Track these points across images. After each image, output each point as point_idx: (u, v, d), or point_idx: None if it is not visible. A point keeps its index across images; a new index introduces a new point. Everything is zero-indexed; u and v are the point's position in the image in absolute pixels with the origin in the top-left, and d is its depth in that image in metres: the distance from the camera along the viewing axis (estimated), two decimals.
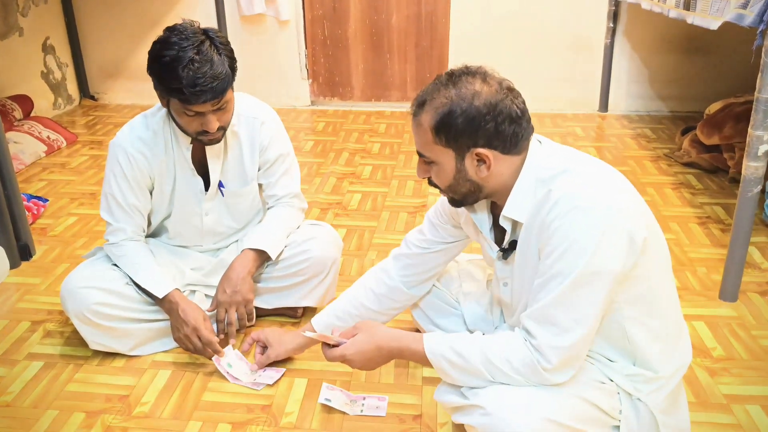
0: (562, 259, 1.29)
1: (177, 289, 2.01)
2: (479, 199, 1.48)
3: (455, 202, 1.51)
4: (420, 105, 1.41)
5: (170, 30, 1.83)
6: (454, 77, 1.39)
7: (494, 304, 1.82)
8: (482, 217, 1.56)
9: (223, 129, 1.92)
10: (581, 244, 1.27)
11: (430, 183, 1.49)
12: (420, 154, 1.45)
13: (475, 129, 1.35)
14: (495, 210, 1.52)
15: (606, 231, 1.28)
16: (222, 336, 2.03)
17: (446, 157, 1.40)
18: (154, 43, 1.83)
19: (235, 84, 1.93)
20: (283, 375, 1.97)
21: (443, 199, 1.67)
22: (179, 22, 1.87)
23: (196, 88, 1.76)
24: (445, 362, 1.41)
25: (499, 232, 1.54)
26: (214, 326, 2.11)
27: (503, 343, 1.37)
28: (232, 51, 1.88)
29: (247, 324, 2.09)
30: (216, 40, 1.84)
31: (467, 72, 1.39)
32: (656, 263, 1.39)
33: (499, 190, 1.43)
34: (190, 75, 1.75)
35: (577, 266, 1.28)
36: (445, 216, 1.74)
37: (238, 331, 2.08)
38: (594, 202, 1.29)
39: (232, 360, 1.99)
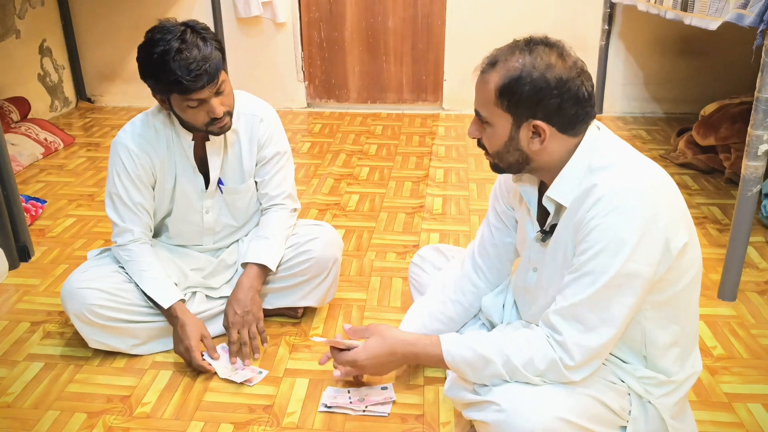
0: (596, 258, 1.28)
1: (181, 300, 2.01)
2: (522, 170, 1.45)
3: (498, 169, 1.48)
4: (492, 64, 1.38)
5: (151, 31, 1.85)
6: (532, 44, 1.37)
7: (506, 299, 1.80)
8: (531, 191, 1.53)
9: (229, 114, 1.93)
10: (618, 246, 1.26)
11: (479, 145, 1.47)
12: (477, 113, 1.43)
13: (539, 101, 1.33)
14: (542, 188, 1.50)
15: (644, 236, 1.27)
16: (234, 360, 2.02)
17: (502, 122, 1.38)
18: (139, 47, 1.84)
19: (232, 86, 1.94)
20: (254, 377, 1.96)
21: (498, 183, 1.68)
22: None
23: (191, 75, 1.78)
24: (463, 363, 1.40)
25: (541, 214, 1.52)
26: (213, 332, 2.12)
27: (523, 341, 1.37)
28: (215, 35, 1.89)
29: (260, 344, 2.09)
30: (196, 27, 1.85)
31: (546, 43, 1.37)
32: (688, 270, 1.38)
33: (546, 168, 1.41)
34: (183, 64, 1.77)
35: (611, 267, 1.27)
36: (505, 190, 1.69)
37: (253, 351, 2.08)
38: (636, 206, 1.27)
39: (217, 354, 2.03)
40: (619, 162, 1.35)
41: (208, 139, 2.00)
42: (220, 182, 2.11)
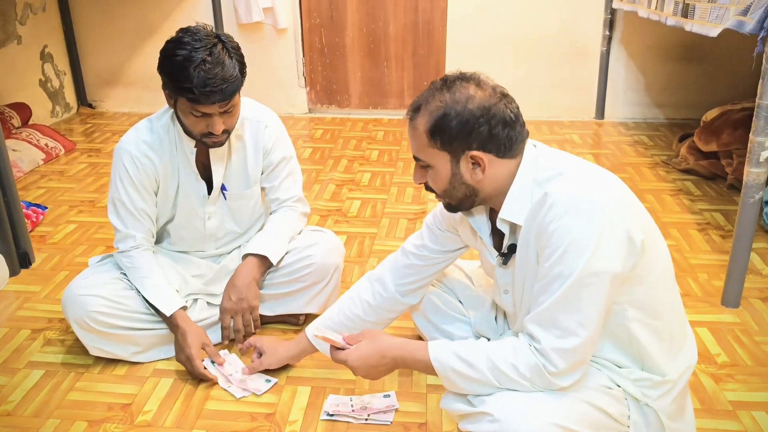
0: (561, 261, 1.29)
1: (182, 308, 2.01)
2: (475, 204, 1.48)
3: (451, 208, 1.51)
4: (416, 110, 1.42)
5: (183, 31, 1.84)
6: (449, 82, 1.40)
7: (498, 312, 1.81)
8: (481, 221, 1.56)
9: (227, 132, 1.93)
10: (580, 245, 1.28)
11: (427, 188, 1.50)
12: (416, 159, 1.46)
13: (469, 132, 1.36)
14: (493, 216, 1.52)
15: (604, 231, 1.28)
16: (227, 342, 2.03)
17: (442, 161, 1.41)
18: (167, 42, 1.84)
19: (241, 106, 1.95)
20: (272, 387, 1.95)
21: (441, 206, 1.67)
22: (177, 29, 1.88)
23: (206, 89, 1.77)
24: (451, 370, 1.40)
25: (497, 238, 1.54)
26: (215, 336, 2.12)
27: (509, 349, 1.37)
28: (242, 56, 1.89)
29: (253, 331, 2.09)
30: (228, 44, 1.86)
31: (462, 78, 1.41)
32: (655, 264, 1.39)
33: (495, 195, 1.44)
34: (202, 75, 1.77)
35: (576, 267, 1.28)
36: (444, 222, 1.74)
37: (244, 337, 2.08)
38: (591, 204, 1.30)
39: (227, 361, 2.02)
40: (564, 170, 1.38)
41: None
42: (223, 188, 2.11)
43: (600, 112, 4.58)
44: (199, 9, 4.55)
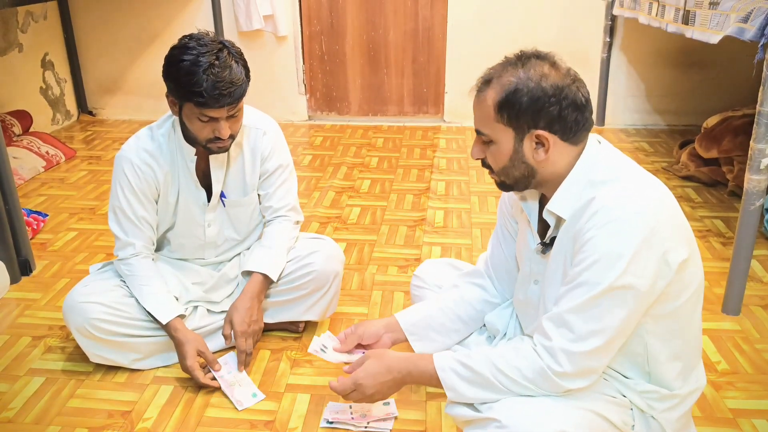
0: (591, 269, 1.28)
1: (180, 315, 2.01)
2: (529, 186, 1.45)
3: (505, 186, 1.48)
4: (486, 82, 1.40)
5: (188, 37, 1.86)
6: (524, 58, 1.38)
7: (513, 315, 1.78)
8: (532, 205, 1.54)
9: (232, 137, 1.94)
10: (612, 258, 1.27)
11: (484, 164, 1.47)
12: (478, 132, 1.43)
13: (539, 110, 1.34)
14: (542, 202, 1.51)
15: (640, 249, 1.26)
16: (242, 368, 2.03)
17: (505, 137, 1.39)
18: (172, 48, 1.85)
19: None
20: (257, 402, 1.94)
21: (503, 201, 1.68)
22: (177, 37, 1.89)
23: (215, 92, 1.79)
24: (455, 377, 1.40)
25: (541, 226, 1.52)
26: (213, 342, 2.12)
27: (512, 352, 1.37)
28: (246, 61, 1.90)
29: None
30: (232, 50, 1.87)
31: (537, 55, 1.39)
32: (689, 285, 1.37)
33: (551, 180, 1.42)
34: (211, 79, 1.78)
35: (605, 279, 1.27)
36: (507, 206, 1.69)
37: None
38: (634, 219, 1.27)
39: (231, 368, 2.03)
40: (620, 176, 1.36)
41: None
42: (222, 195, 2.11)
43: (600, 118, 4.58)
44: (199, 17, 4.56)
